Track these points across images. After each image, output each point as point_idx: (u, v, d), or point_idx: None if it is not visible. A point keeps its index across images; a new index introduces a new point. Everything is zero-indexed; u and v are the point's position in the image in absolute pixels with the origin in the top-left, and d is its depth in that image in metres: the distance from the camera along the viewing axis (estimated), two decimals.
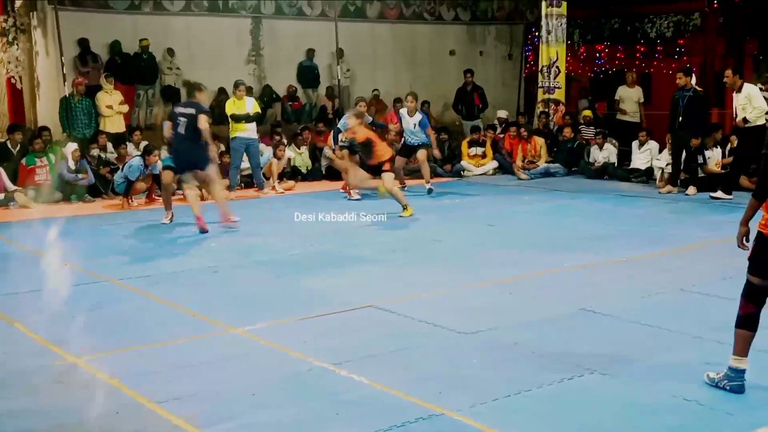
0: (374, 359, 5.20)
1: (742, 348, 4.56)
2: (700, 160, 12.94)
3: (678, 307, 6.36)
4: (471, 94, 17.36)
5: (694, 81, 13.00)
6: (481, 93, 17.47)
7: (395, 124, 16.76)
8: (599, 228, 9.98)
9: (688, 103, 12.37)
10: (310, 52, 17.74)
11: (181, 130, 9.66)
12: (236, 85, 13.40)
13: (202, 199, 10.84)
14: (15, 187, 12.37)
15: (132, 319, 6.27)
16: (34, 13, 14.37)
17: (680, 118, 12.41)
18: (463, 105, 17.40)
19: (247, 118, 13.06)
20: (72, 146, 12.77)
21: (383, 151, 11.02)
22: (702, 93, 12.82)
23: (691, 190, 12.40)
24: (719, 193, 11.92)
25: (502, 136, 16.29)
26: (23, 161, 12.75)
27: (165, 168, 10.61)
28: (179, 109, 9.93)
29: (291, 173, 14.68)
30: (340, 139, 12.69)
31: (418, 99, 12.73)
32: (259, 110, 13.57)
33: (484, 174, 15.49)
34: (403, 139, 13.83)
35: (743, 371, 4.54)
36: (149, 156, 11.96)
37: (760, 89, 14.47)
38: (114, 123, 14.19)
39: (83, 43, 14.94)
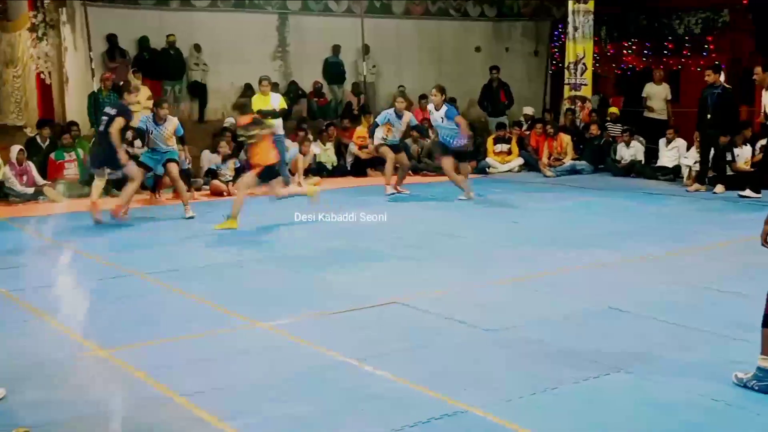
0: (398, 355, 5.21)
1: None
2: (729, 158, 12.83)
3: (702, 305, 6.32)
4: (497, 90, 17.31)
5: (723, 78, 12.88)
6: (507, 89, 17.41)
7: (419, 121, 16.79)
8: (624, 225, 9.92)
9: (717, 101, 12.26)
10: (336, 49, 17.77)
11: (102, 128, 10.32)
12: (260, 81, 13.42)
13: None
14: (44, 182, 12.51)
15: (158, 312, 6.32)
16: (64, 8, 14.52)
17: (709, 116, 12.30)
18: (488, 101, 17.35)
19: (273, 114, 13.09)
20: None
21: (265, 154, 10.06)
22: (730, 90, 12.69)
23: (719, 188, 12.28)
24: (748, 192, 11.79)
25: (528, 133, 16.23)
26: (52, 156, 12.91)
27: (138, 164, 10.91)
28: (107, 108, 10.69)
29: (316, 169, 14.72)
30: (377, 134, 12.77)
31: (444, 92, 12.51)
32: (285, 106, 13.58)
33: (510, 171, 15.46)
34: (438, 137, 13.21)
35: None
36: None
37: None
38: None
39: (111, 39, 15.07)
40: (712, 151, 12.60)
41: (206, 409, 4.35)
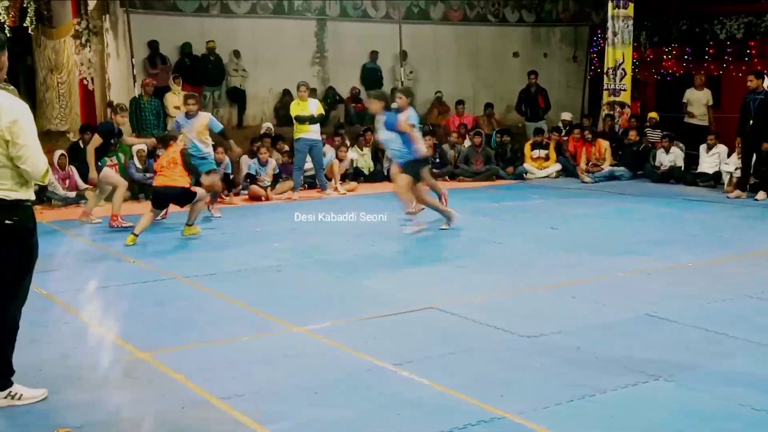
0: (435, 360, 5.21)
1: None
2: None
3: (744, 314, 6.23)
4: (535, 95, 17.25)
5: (767, 84, 12.72)
6: (545, 95, 17.35)
7: (456, 127, 16.80)
8: (665, 232, 9.82)
9: (760, 107, 12.10)
10: (374, 54, 17.82)
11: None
12: (298, 87, 13.52)
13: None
14: (86, 186, 12.69)
15: (197, 316, 6.38)
16: (107, 15, 14.75)
17: (751, 122, 12.14)
18: (527, 106, 17.30)
19: (311, 120, 13.17)
20: (139, 146, 13.05)
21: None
22: None
23: (761, 195, 12.11)
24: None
25: (566, 138, 16.14)
26: None
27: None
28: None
29: (353, 174, 14.78)
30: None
31: (409, 95, 10.62)
32: (323, 111, 13.66)
33: (547, 177, 15.39)
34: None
35: None
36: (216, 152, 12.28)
37: None
38: None
39: (153, 45, 15.28)
40: (754, 158, 12.43)
41: (244, 412, 4.39)
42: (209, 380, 4.86)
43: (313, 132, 13.25)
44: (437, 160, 15.37)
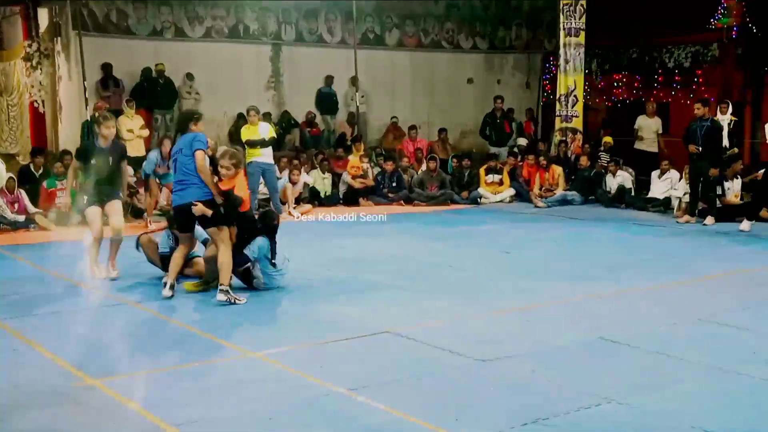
0: (391, 385, 5.20)
1: None
2: (719, 191, 12.92)
3: (697, 337, 6.32)
4: (501, 120, 17.47)
5: (731, 110, 13.06)
6: (510, 120, 17.60)
7: (411, 153, 16.89)
8: (617, 257, 9.95)
9: (707, 134, 12.35)
10: (329, 79, 17.88)
11: None
12: (248, 111, 13.48)
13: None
14: (36, 210, 12.49)
15: (150, 342, 6.30)
16: (58, 38, 14.58)
17: (699, 148, 12.38)
18: (492, 131, 17.50)
19: (262, 143, 13.13)
20: None
21: None
22: (719, 123, 12.83)
23: (709, 220, 12.34)
24: (744, 224, 11.68)
25: (521, 163, 16.32)
26: (44, 184, 12.89)
27: None
28: None
29: (310, 197, 14.73)
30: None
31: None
32: (274, 135, 13.61)
33: (501, 201, 15.51)
34: None
35: None
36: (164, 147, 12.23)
37: None
38: (134, 147, 14.25)
39: (106, 68, 15.14)
40: (702, 183, 12.66)
41: None
42: (161, 407, 4.79)
43: (265, 156, 13.20)
44: (394, 185, 15.42)
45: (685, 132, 12.82)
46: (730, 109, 13.35)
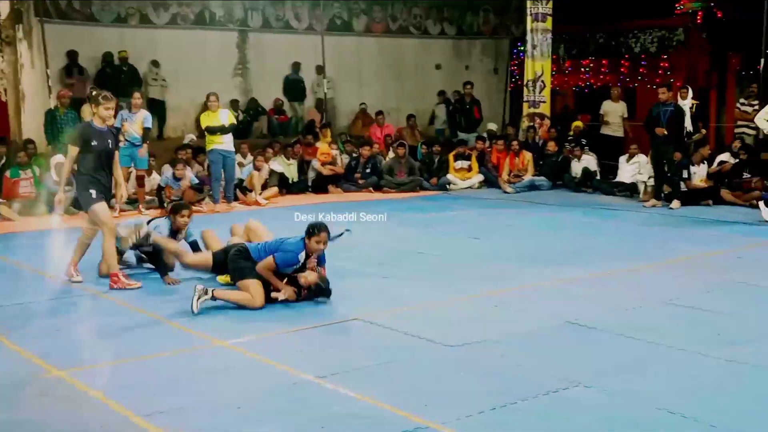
0: (360, 372, 5.20)
1: None
2: (684, 174, 13.05)
3: (663, 320, 6.39)
4: (471, 106, 17.49)
5: (691, 95, 13.17)
6: (480, 106, 17.64)
7: (379, 139, 16.86)
8: (584, 241, 10.02)
9: (671, 118, 12.47)
10: (296, 66, 17.79)
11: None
12: (208, 97, 13.35)
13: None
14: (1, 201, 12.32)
15: (117, 332, 6.23)
16: (20, 25, 14.36)
17: (665, 132, 12.47)
18: (462, 117, 17.51)
19: (222, 130, 13.02)
20: (56, 158, 12.73)
21: None
22: (682, 108, 12.95)
23: (675, 204, 12.47)
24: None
25: (489, 149, 16.36)
26: (7, 174, 12.71)
27: None
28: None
29: (279, 184, 14.63)
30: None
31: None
32: (234, 121, 13.51)
33: (470, 187, 15.55)
34: None
35: None
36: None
37: (742, 104, 14.65)
38: None
39: (71, 55, 14.94)
40: (666, 167, 12.76)
41: (166, 429, 4.30)
42: (130, 397, 4.75)
43: (226, 143, 13.11)
44: (368, 170, 15.38)
45: (647, 117, 12.92)
46: (691, 94, 13.47)
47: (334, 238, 7.27)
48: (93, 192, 7.52)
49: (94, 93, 7.91)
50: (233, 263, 7.07)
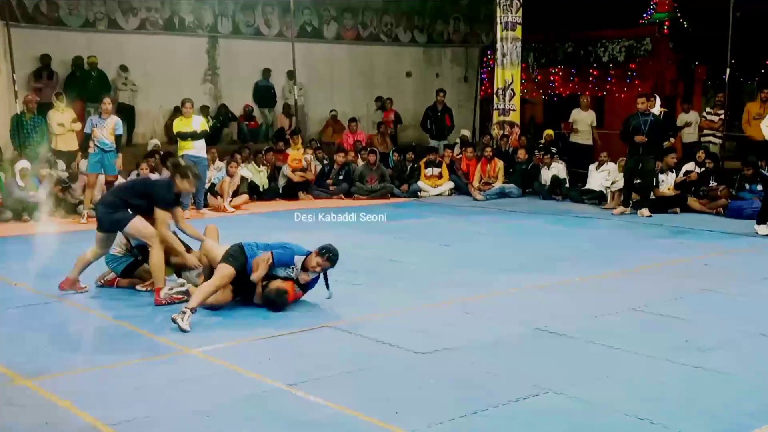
0: (331, 379, 5.18)
1: None
2: (654, 182, 13.18)
3: (631, 327, 6.44)
4: (442, 113, 17.57)
5: (659, 103, 13.28)
6: (451, 114, 17.72)
7: (351, 146, 16.85)
8: (554, 249, 10.08)
9: (651, 128, 12.45)
10: (267, 72, 17.75)
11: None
12: (183, 104, 13.29)
13: None
14: None
15: (85, 339, 6.17)
16: None
17: (646, 139, 12.38)
18: (432, 124, 17.57)
19: (193, 136, 12.97)
20: (21, 164, 12.58)
21: None
22: (660, 117, 13.03)
23: (644, 212, 12.57)
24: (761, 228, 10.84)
25: (459, 156, 16.42)
26: None
27: None
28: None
29: (249, 191, 14.56)
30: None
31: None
32: (206, 128, 13.46)
33: (440, 194, 15.58)
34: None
35: None
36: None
37: (708, 113, 14.85)
38: (66, 141, 13.90)
39: (44, 59, 14.82)
40: (638, 176, 12.76)
41: None
42: (98, 406, 4.69)
43: (197, 149, 13.06)
44: (341, 177, 15.36)
45: (623, 126, 12.85)
46: (658, 102, 13.58)
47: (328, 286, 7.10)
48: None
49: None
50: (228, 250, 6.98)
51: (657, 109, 13.52)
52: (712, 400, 4.80)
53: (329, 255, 6.88)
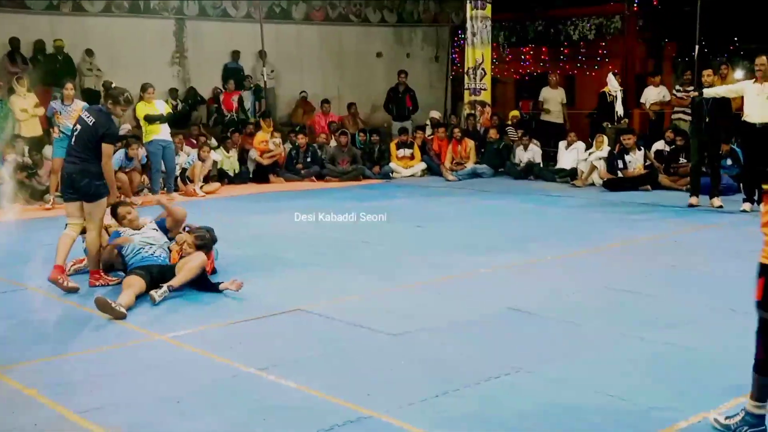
0: (302, 363, 5.15)
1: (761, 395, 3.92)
2: (620, 164, 13.25)
3: (601, 305, 6.46)
4: (403, 95, 17.47)
5: (618, 80, 13.23)
6: (413, 95, 17.61)
7: (323, 128, 16.75)
8: (525, 228, 10.10)
9: (712, 106, 11.33)
10: (236, 54, 17.58)
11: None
12: (144, 88, 13.09)
13: None
14: None
15: (52, 327, 6.09)
16: None
17: (707, 119, 11.38)
18: (394, 106, 17.48)
19: (161, 119, 12.85)
20: None
21: None
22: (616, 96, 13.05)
23: (716, 201, 11.37)
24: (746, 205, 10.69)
25: (431, 137, 16.39)
26: None
27: None
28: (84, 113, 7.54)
29: (218, 176, 14.47)
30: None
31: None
32: (171, 110, 13.35)
33: (413, 175, 15.57)
34: None
35: (763, 417, 3.94)
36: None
37: (678, 90, 14.89)
38: (30, 127, 13.60)
39: (12, 43, 14.57)
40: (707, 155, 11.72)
41: (103, 426, 4.20)
42: (65, 394, 4.63)
43: (164, 132, 12.94)
44: (308, 160, 15.28)
45: (691, 106, 11.90)
46: (618, 80, 13.50)
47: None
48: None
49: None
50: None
51: (616, 86, 13.55)
52: (682, 376, 4.83)
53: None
